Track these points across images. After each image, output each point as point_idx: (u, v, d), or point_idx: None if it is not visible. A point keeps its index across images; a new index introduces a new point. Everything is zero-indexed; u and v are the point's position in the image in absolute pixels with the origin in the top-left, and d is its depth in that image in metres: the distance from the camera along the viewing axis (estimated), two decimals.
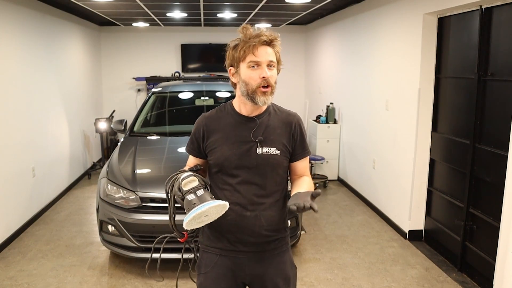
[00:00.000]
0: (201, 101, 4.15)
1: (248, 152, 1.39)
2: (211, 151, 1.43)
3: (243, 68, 1.36)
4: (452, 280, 2.86)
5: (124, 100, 6.79)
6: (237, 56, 1.37)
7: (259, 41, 1.34)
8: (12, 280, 2.82)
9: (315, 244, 3.45)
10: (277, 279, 1.44)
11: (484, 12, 2.64)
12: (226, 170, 1.40)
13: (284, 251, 1.48)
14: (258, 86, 1.35)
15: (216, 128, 1.44)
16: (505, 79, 2.47)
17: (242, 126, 1.42)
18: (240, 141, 1.40)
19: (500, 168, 2.43)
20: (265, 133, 1.41)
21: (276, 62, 1.39)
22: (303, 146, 1.48)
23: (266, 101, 1.37)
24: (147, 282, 2.82)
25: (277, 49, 1.39)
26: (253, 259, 1.43)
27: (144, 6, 4.42)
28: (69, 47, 5.04)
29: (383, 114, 3.94)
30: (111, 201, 2.87)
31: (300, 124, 1.48)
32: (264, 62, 1.35)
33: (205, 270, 1.46)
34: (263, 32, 1.36)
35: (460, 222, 2.90)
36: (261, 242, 1.42)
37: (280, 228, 1.46)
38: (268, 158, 1.39)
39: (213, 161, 1.43)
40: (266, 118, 1.43)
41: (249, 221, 1.38)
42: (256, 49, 1.33)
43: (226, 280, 1.43)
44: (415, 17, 3.28)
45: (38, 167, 3.97)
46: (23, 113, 3.71)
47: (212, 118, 1.46)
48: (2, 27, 3.37)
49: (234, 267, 1.43)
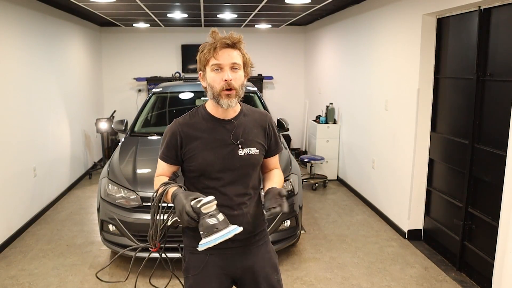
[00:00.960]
0: (201, 101, 4.16)
1: (230, 155, 1.40)
2: (191, 157, 1.41)
3: (208, 72, 1.37)
4: (451, 279, 2.87)
5: (125, 100, 6.80)
6: (202, 59, 1.38)
7: (221, 44, 1.34)
8: (14, 280, 2.84)
9: (314, 243, 3.46)
10: (267, 268, 1.50)
11: (483, 13, 2.64)
12: (209, 174, 1.41)
13: (267, 241, 1.55)
14: (222, 89, 1.35)
15: (193, 133, 1.42)
16: (504, 80, 2.48)
17: (220, 129, 1.42)
18: (221, 144, 1.40)
19: (499, 168, 2.44)
20: (243, 134, 1.43)
21: (241, 64, 1.38)
22: (277, 142, 1.55)
23: (230, 104, 1.36)
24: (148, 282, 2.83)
25: (242, 52, 1.38)
26: (241, 253, 1.47)
27: (145, 6, 4.43)
28: (70, 47, 5.06)
29: (382, 114, 3.96)
30: (112, 201, 2.89)
31: (272, 122, 1.55)
32: (226, 65, 1.34)
33: (194, 272, 1.46)
34: (227, 35, 1.36)
35: (459, 222, 2.90)
36: (247, 237, 1.46)
37: (261, 220, 1.53)
38: (249, 159, 1.43)
39: (194, 166, 1.41)
40: (241, 119, 1.45)
41: (237, 220, 1.40)
42: (217, 52, 1.34)
43: (216, 279, 1.45)
44: (414, 17, 3.29)
45: (39, 167, 3.99)
46: (24, 113, 3.72)
47: (187, 124, 1.44)
48: (4, 28, 3.39)
49: (224, 264, 1.45)
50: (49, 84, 4.34)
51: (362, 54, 4.47)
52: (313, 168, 5.21)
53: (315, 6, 4.51)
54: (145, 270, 2.97)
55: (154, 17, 5.34)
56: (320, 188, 5.00)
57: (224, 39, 1.34)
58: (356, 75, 4.67)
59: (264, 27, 6.54)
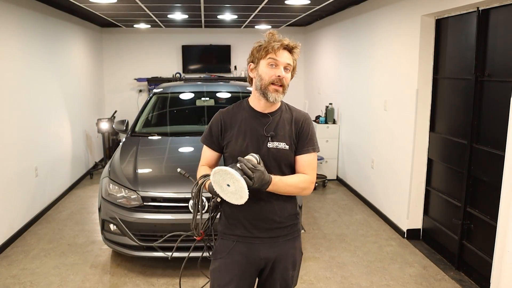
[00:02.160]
0: (201, 102, 4.17)
1: (260, 145, 1.50)
2: (228, 144, 1.53)
3: (262, 65, 1.48)
4: (449, 278, 2.88)
5: (126, 101, 6.83)
6: (259, 54, 1.49)
7: (282, 44, 1.47)
8: (15, 279, 2.85)
9: (314, 243, 3.48)
10: (287, 263, 1.56)
11: (481, 13, 2.66)
12: None
13: (295, 237, 1.59)
14: (272, 82, 1.46)
15: (232, 122, 1.55)
16: (502, 80, 2.49)
17: (256, 121, 1.53)
18: (253, 134, 1.51)
19: (497, 168, 2.45)
20: (276, 129, 1.51)
21: (292, 67, 1.51)
22: (306, 141, 1.52)
23: (277, 99, 1.48)
24: (149, 280, 2.84)
25: (295, 57, 1.52)
26: (267, 244, 1.52)
27: (146, 8, 4.45)
28: (71, 48, 5.08)
29: (381, 114, 3.97)
30: (113, 201, 2.89)
31: (308, 122, 1.57)
32: (282, 63, 1.47)
33: (220, 255, 1.55)
34: (286, 39, 1.50)
35: (458, 221, 2.92)
36: (275, 228, 1.52)
37: (291, 215, 1.56)
38: (278, 152, 1.49)
39: (229, 153, 1.53)
40: (278, 115, 1.54)
41: (264, 209, 1.50)
42: (278, 50, 1.46)
43: (239, 266, 1.52)
44: (413, 18, 3.31)
45: (40, 166, 4.00)
46: (26, 113, 3.74)
47: (229, 113, 1.57)
48: (6, 29, 3.41)
49: (248, 252, 1.52)
50: (51, 84, 4.36)
51: (361, 54, 4.48)
52: None
53: (314, 7, 4.53)
54: (147, 269, 2.99)
55: (154, 18, 5.37)
56: (320, 188, 5.02)
57: (285, 41, 1.48)
58: (355, 76, 4.69)
59: (264, 28, 6.56)
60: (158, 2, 4.21)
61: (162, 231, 2.80)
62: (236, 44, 6.89)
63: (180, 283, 1.69)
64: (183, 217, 2.74)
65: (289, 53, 1.49)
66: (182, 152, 3.51)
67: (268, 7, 4.41)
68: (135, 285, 2.78)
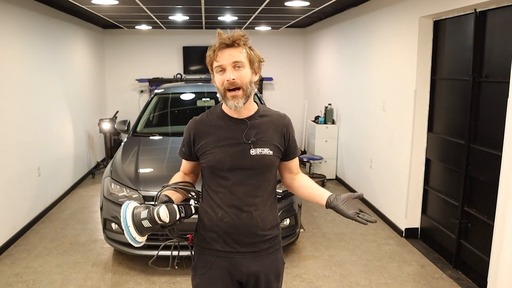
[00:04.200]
0: (202, 102, 4.21)
1: (241, 154, 1.38)
2: (203, 154, 1.42)
3: (214, 74, 1.37)
4: (447, 277, 2.90)
5: (127, 101, 6.86)
6: (208, 63, 1.38)
7: (219, 45, 1.32)
8: (18, 277, 2.87)
9: (313, 241, 3.50)
10: (270, 276, 1.48)
11: (479, 15, 2.67)
12: (219, 173, 1.40)
13: (277, 249, 1.51)
14: (225, 90, 1.34)
15: (206, 131, 1.43)
16: (499, 81, 2.50)
17: (233, 128, 1.41)
18: (232, 143, 1.39)
19: (494, 168, 2.47)
20: (257, 134, 1.40)
21: (245, 62, 1.34)
22: (295, 145, 1.50)
23: (237, 105, 1.34)
24: (150, 279, 2.86)
25: (245, 49, 1.34)
26: (249, 258, 1.43)
27: (147, 9, 4.49)
28: (73, 49, 5.11)
29: (380, 114, 3.99)
30: (114, 200, 2.91)
31: (290, 125, 1.50)
32: (227, 65, 1.32)
33: (201, 271, 1.46)
34: (228, 35, 1.33)
35: (455, 220, 2.93)
36: (257, 242, 1.43)
37: (273, 226, 1.47)
38: (262, 159, 1.39)
39: (206, 163, 1.42)
40: (256, 119, 1.42)
41: (245, 222, 1.39)
42: (217, 54, 1.33)
43: (222, 280, 1.44)
44: (411, 20, 3.33)
45: (43, 166, 4.03)
46: (28, 113, 3.77)
47: (203, 121, 1.46)
48: (9, 30, 3.44)
49: (230, 267, 1.43)
50: (53, 85, 4.39)
51: (360, 55, 4.51)
52: (312, 167, 5.26)
53: (314, 9, 4.56)
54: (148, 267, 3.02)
55: (156, 20, 5.40)
56: None
57: (223, 39, 1.32)
58: (354, 76, 4.71)
59: (264, 29, 6.60)
60: (159, 3, 4.24)
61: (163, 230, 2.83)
62: None
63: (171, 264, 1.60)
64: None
65: (235, 48, 1.32)
66: None
67: (268, 8, 4.44)
68: (136, 283, 2.80)
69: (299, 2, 4.11)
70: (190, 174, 1.56)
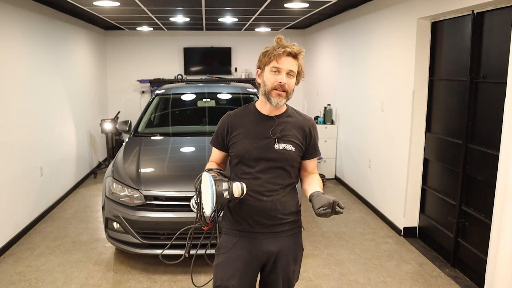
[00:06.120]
0: (203, 103, 4.23)
1: (267, 146, 1.55)
2: (233, 144, 1.60)
3: (266, 71, 1.54)
4: (445, 275, 2.92)
5: (129, 102, 6.89)
6: (264, 60, 1.53)
7: (284, 51, 1.50)
8: (21, 276, 2.89)
9: (313, 240, 3.52)
10: (288, 258, 1.61)
11: (476, 16, 2.69)
12: (246, 161, 1.57)
13: (296, 233, 1.65)
14: (274, 88, 1.52)
15: (239, 124, 1.61)
16: (496, 81, 2.52)
17: (262, 123, 1.59)
18: (260, 136, 1.57)
19: (492, 167, 2.48)
20: (282, 131, 1.57)
21: (296, 72, 1.55)
22: (315, 147, 1.65)
23: (279, 103, 1.53)
24: (151, 277, 2.88)
25: (299, 62, 1.55)
26: (269, 239, 1.58)
27: (148, 11, 4.52)
28: (75, 50, 5.14)
29: (378, 115, 4.01)
30: (116, 199, 2.93)
31: (314, 128, 1.65)
32: (284, 70, 1.51)
33: (223, 250, 1.61)
34: (291, 45, 1.52)
35: (453, 219, 2.95)
36: (277, 224, 1.58)
37: (292, 212, 1.62)
38: (284, 153, 1.56)
39: (235, 153, 1.59)
40: (284, 118, 1.60)
41: (266, 205, 1.55)
42: (280, 57, 1.50)
43: (242, 261, 1.58)
44: (409, 21, 3.35)
45: (46, 166, 4.06)
46: (31, 114, 3.79)
47: (236, 115, 1.64)
48: (12, 31, 3.46)
49: (251, 247, 1.58)
50: (56, 85, 4.42)
51: (359, 56, 4.53)
52: None
53: (313, 10, 4.58)
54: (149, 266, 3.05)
55: (157, 21, 5.43)
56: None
57: (288, 48, 1.50)
58: (353, 77, 4.73)
59: (264, 30, 6.63)
60: (160, 5, 4.27)
61: (164, 229, 2.85)
62: (237, 46, 6.96)
63: (192, 278, 1.76)
64: (185, 216, 2.78)
65: (293, 59, 1.53)
66: (184, 152, 3.56)
67: (268, 10, 4.47)
68: (138, 282, 2.82)
69: (299, 4, 4.14)
70: (221, 165, 1.71)
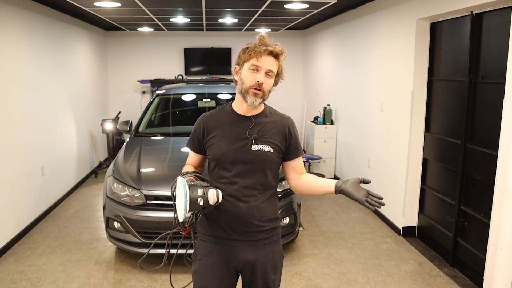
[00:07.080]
0: (203, 103, 4.25)
1: (243, 148, 1.49)
2: (210, 146, 1.53)
3: (245, 68, 1.47)
4: (444, 274, 2.93)
5: (130, 102, 6.91)
6: (244, 57, 1.48)
7: (266, 50, 1.45)
8: (22, 275, 2.90)
9: (312, 240, 3.54)
10: (266, 266, 1.54)
11: (475, 17, 2.70)
12: (222, 164, 1.50)
13: (275, 241, 1.57)
14: (251, 87, 1.46)
15: (215, 125, 1.54)
16: (495, 82, 2.52)
17: (238, 124, 1.52)
18: (236, 137, 1.50)
19: (490, 167, 2.49)
20: (260, 131, 1.51)
21: (275, 73, 1.49)
22: (297, 146, 1.58)
23: (254, 102, 1.47)
24: (152, 277, 2.88)
25: (280, 63, 1.49)
26: (246, 247, 1.51)
27: (149, 11, 4.53)
28: (76, 51, 5.16)
29: (378, 115, 4.02)
30: (117, 199, 2.94)
31: (293, 127, 1.59)
32: (263, 69, 1.45)
33: (200, 256, 1.55)
34: (273, 44, 1.47)
35: (452, 219, 2.96)
36: (253, 232, 1.51)
37: (271, 219, 1.55)
38: (261, 155, 1.49)
39: (211, 155, 1.53)
40: (261, 118, 1.53)
41: (242, 211, 1.48)
42: (260, 56, 1.44)
43: (219, 267, 1.52)
44: (408, 22, 3.36)
45: (46, 166, 4.07)
46: (32, 114, 3.80)
47: (212, 116, 1.58)
48: (13, 32, 3.48)
49: (227, 255, 1.52)
50: (57, 86, 4.43)
51: (358, 57, 4.54)
52: (311, 167, 5.30)
53: (313, 11, 4.59)
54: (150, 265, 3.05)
55: (157, 22, 5.45)
56: None
57: (270, 47, 1.45)
58: (352, 78, 4.74)
59: (264, 31, 6.65)
60: (161, 6, 4.28)
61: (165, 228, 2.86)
62: (237, 47, 6.97)
63: (171, 280, 1.69)
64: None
65: (274, 59, 1.46)
66: (184, 152, 3.57)
67: (268, 11, 4.48)
68: (138, 281, 2.83)
69: (299, 5, 4.16)
70: (198, 168, 1.66)
